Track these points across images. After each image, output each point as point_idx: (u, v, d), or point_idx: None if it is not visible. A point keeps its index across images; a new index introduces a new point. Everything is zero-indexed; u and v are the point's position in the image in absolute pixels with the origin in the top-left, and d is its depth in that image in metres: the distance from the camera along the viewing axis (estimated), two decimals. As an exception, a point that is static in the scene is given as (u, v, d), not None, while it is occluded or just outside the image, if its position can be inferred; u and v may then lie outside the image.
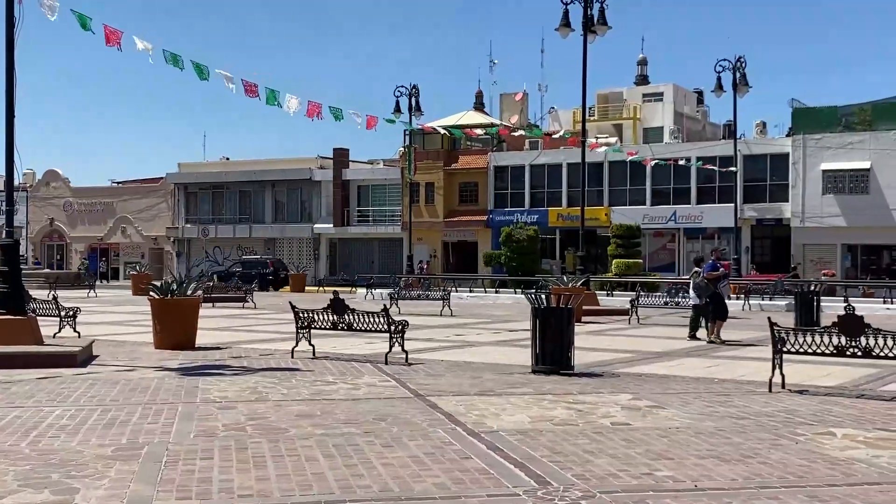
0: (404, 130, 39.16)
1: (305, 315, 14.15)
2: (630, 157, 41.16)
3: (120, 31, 16.49)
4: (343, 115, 22.97)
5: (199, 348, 15.22)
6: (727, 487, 6.21)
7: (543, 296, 13.31)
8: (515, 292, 35.44)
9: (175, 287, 15.64)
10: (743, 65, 36.45)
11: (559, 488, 6.14)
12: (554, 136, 43.48)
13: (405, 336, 13.48)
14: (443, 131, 34.87)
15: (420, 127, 39.62)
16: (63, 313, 17.05)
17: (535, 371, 12.17)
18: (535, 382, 11.40)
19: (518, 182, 48.60)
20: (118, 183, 64.74)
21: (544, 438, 7.82)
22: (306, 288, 44.07)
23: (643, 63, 68.13)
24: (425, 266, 46.55)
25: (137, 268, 44.26)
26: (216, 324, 20.67)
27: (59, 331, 16.57)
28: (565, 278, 26.55)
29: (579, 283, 24.64)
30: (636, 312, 23.28)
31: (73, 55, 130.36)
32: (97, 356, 14.01)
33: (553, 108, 64.92)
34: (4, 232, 14.38)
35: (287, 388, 10.81)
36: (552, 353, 12.16)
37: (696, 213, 44.67)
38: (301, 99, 21.67)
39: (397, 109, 40.21)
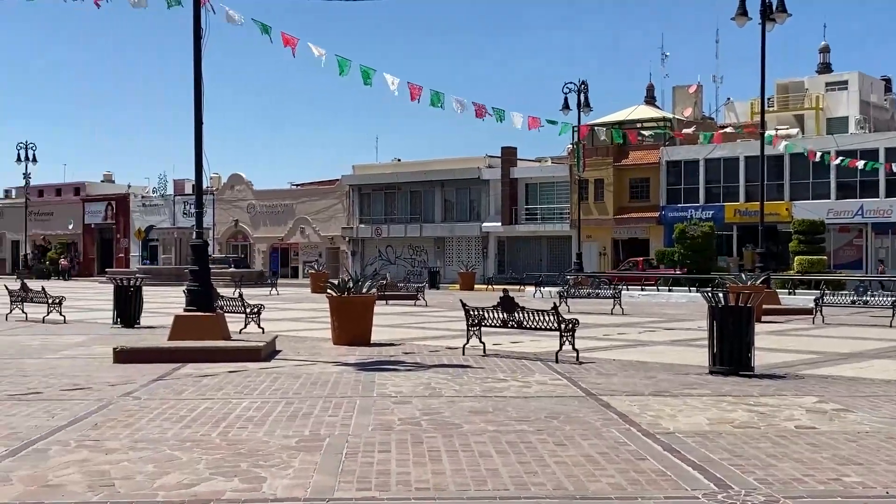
0: (572, 127, 38.77)
1: (476, 313, 14.27)
2: (812, 159, 39.09)
3: (296, 39, 17.17)
4: (505, 115, 23.07)
5: (375, 344, 15.62)
6: (925, 497, 5.83)
7: (721, 294, 12.89)
8: (690, 290, 34.55)
9: (351, 285, 16.12)
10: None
11: (740, 492, 5.93)
12: (727, 131, 42.11)
13: (576, 334, 13.38)
14: (602, 137, 34.31)
15: (587, 126, 39.17)
16: (248, 310, 17.88)
17: (713, 372, 11.82)
18: (712, 383, 11.07)
19: (692, 177, 47.33)
20: (297, 185, 67.32)
21: (724, 441, 7.58)
22: (475, 286, 44.50)
23: (825, 51, 64.99)
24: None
25: (315, 266, 45.90)
26: (389, 321, 21.18)
27: (245, 327, 17.38)
28: (744, 276, 25.66)
29: (759, 282, 23.75)
30: (821, 312, 22.23)
31: (253, 64, 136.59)
32: (280, 351, 14.61)
33: (729, 99, 62.93)
34: (195, 233, 15.22)
35: (459, 384, 10.93)
36: (731, 354, 11.76)
37: (886, 208, 42.22)
38: (467, 100, 21.93)
39: (566, 106, 40.00)
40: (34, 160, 64.99)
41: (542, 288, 35.74)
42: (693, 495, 5.88)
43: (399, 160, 63.03)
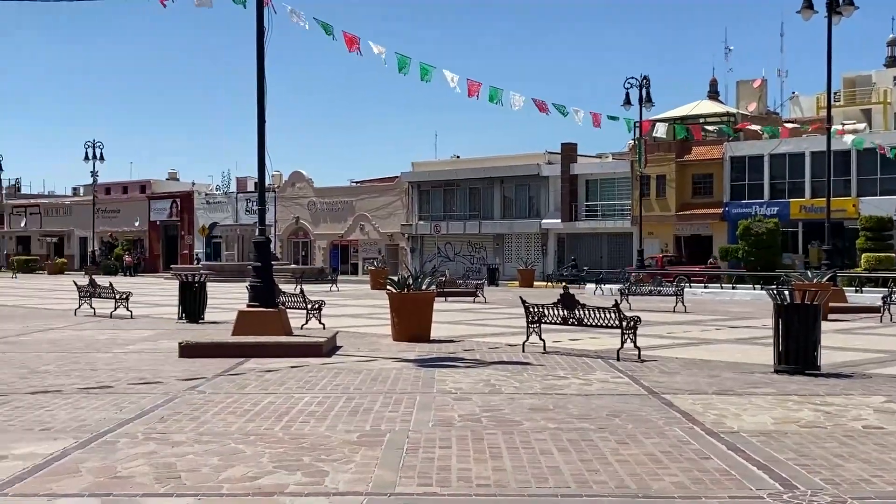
0: (634, 122, 38.43)
1: (536, 310, 14.23)
2: (882, 153, 38.07)
3: (357, 37, 17.28)
4: (567, 111, 22.93)
5: (434, 341, 15.66)
6: None
7: (786, 292, 12.66)
8: (754, 288, 34.01)
9: (411, 282, 16.18)
10: None
11: (806, 492, 5.83)
12: (792, 126, 41.29)
13: (637, 332, 13.26)
14: (662, 132, 33.83)
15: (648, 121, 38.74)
16: (309, 306, 18.07)
17: (778, 371, 11.62)
18: (777, 382, 10.89)
19: (756, 173, 46.54)
20: (356, 182, 67.77)
21: (789, 441, 7.45)
22: (534, 283, 44.36)
23: (893, 44, 63.41)
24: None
25: (375, 263, 46.16)
26: (449, 317, 21.22)
27: (307, 322, 17.57)
28: (809, 273, 25.17)
29: (825, 279, 23.28)
30: (888, 310, 21.72)
31: (314, 62, 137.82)
32: (340, 347, 14.73)
33: (794, 93, 61.79)
34: (257, 230, 15.42)
35: (519, 381, 10.91)
36: (796, 353, 11.56)
37: (956, 203, 41.03)
38: (527, 96, 21.84)
39: (627, 101, 39.69)
40: (102, 159, 66.48)
41: (602, 285, 35.47)
42: (758, 495, 5.79)
43: (458, 157, 63.06)
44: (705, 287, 36.15)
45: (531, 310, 14.28)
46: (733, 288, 35.82)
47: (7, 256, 77.03)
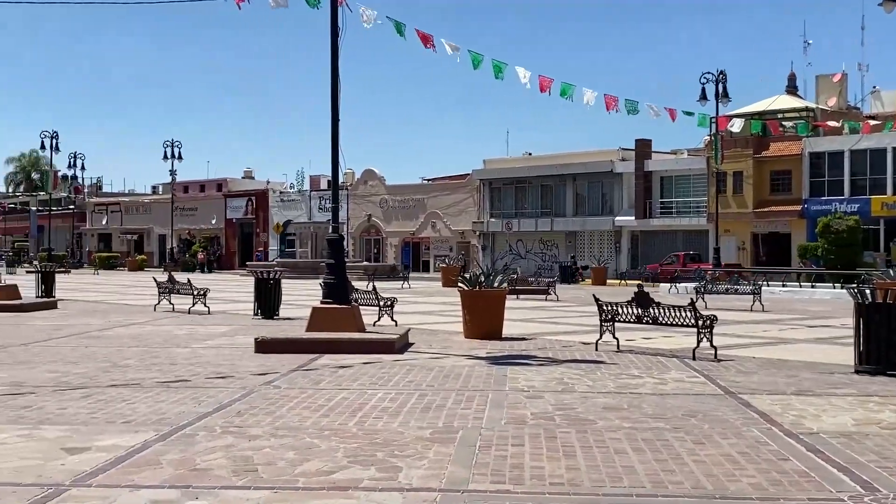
0: (710, 118, 37.81)
1: (609, 308, 14.10)
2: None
3: (430, 35, 17.34)
4: (638, 108, 22.64)
5: (506, 338, 15.64)
6: None
7: (867, 290, 12.33)
8: (834, 287, 33.19)
9: (483, 279, 16.18)
10: None
11: (888, 496, 5.69)
12: (874, 122, 40.17)
13: (713, 331, 13.05)
14: (737, 127, 33.13)
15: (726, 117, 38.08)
16: (382, 303, 18.20)
17: (859, 371, 11.33)
18: (858, 383, 10.62)
19: (836, 169, 45.38)
20: (428, 180, 68.01)
21: (870, 442, 7.26)
22: (607, 281, 43.98)
23: (983, 33, 61.16)
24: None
25: (447, 261, 46.27)
26: (521, 315, 21.17)
27: (379, 319, 17.70)
28: (892, 272, 24.47)
29: (908, 277, 22.60)
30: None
31: (386, 60, 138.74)
32: (412, 344, 14.81)
33: (875, 87, 59.98)
34: (331, 227, 15.58)
35: (592, 379, 10.83)
36: (878, 353, 11.25)
37: None
38: (598, 91, 21.64)
39: (703, 96, 39.07)
40: (180, 158, 67.89)
41: (677, 283, 34.98)
42: (838, 497, 5.67)
43: (530, 154, 62.81)
44: (783, 286, 35.40)
45: (605, 308, 14.17)
46: (812, 286, 35.02)
47: (89, 253, 79.19)
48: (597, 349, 13.87)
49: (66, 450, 6.88)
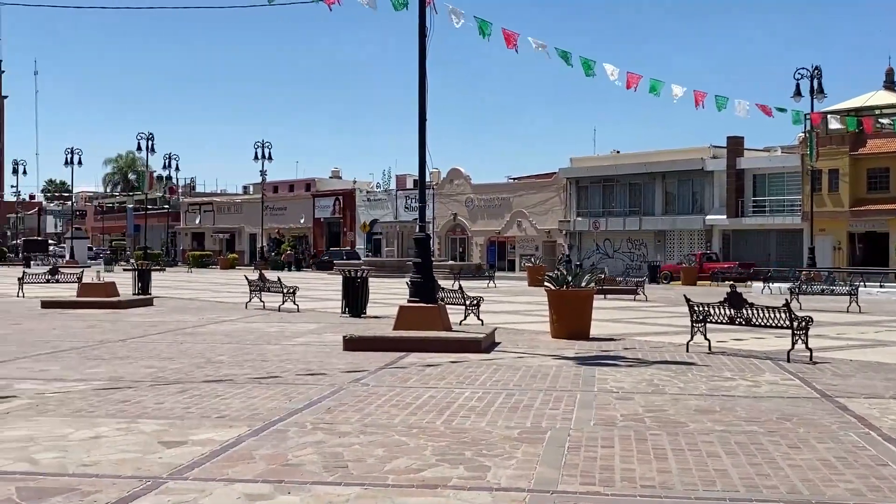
0: (804, 115, 36.83)
1: (701, 308, 13.85)
2: None
3: (516, 34, 17.26)
4: (728, 103, 22.14)
5: (594, 339, 15.49)
6: None
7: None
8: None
9: (570, 278, 16.06)
10: None
11: None
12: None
13: (808, 333, 12.70)
14: (834, 124, 32.03)
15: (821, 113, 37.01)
16: (468, 302, 18.21)
17: (964, 376, 10.89)
18: (963, 388, 10.21)
19: (937, 166, 43.76)
20: (514, 179, 67.87)
21: (979, 451, 6.97)
22: (697, 281, 43.20)
23: None
24: None
25: (533, 260, 46.11)
26: (608, 315, 20.94)
27: (465, 318, 17.71)
28: None
29: None
30: None
31: (472, 59, 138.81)
32: (499, 343, 14.78)
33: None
34: (418, 227, 15.65)
35: (683, 381, 10.65)
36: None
37: None
38: (687, 87, 21.23)
39: (797, 92, 38.09)
40: (270, 158, 69.28)
41: (770, 284, 34.17)
42: (945, 508, 5.45)
43: (618, 152, 62.14)
44: (881, 286, 34.26)
45: (696, 308, 13.91)
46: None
47: (183, 252, 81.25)
48: (687, 350, 13.63)
49: (163, 443, 7.07)
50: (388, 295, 28.00)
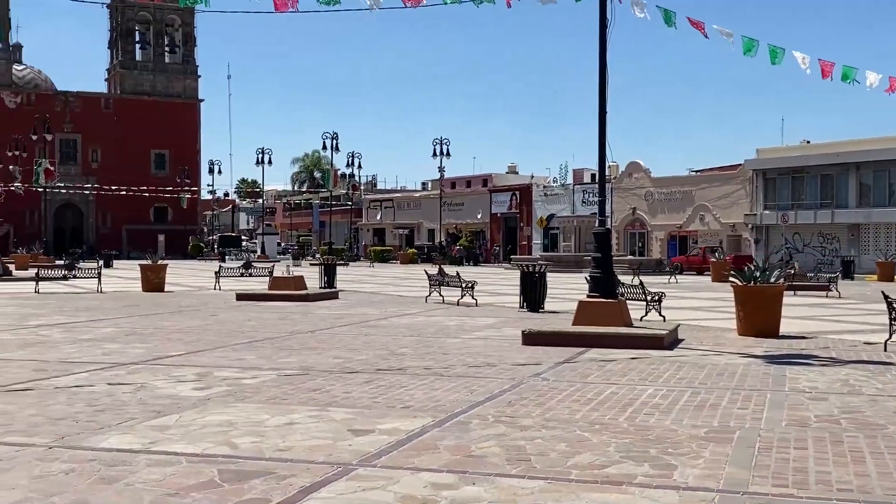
0: None
1: (901, 305, 13.04)
2: None
3: (702, 23, 16.76)
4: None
5: (783, 336, 14.88)
6: None
7: None
8: None
9: (758, 274, 15.49)
10: None
11: None
12: None
13: None
14: None
15: None
16: (648, 298, 17.87)
17: None
18: None
19: None
20: (696, 171, 66.02)
21: None
22: (895, 277, 40.70)
23: None
24: None
25: (717, 255, 44.71)
26: (798, 312, 20.06)
27: (646, 314, 17.38)
28: None
29: None
30: None
31: (653, 50, 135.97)
32: (682, 340, 14.44)
33: None
34: (597, 221, 15.49)
35: (881, 382, 10.08)
36: None
37: None
38: (883, 74, 20.01)
39: None
40: (447, 154, 70.31)
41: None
42: None
43: (808, 142, 59.32)
44: None
45: (894, 305, 13.12)
46: None
47: (365, 247, 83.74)
48: (885, 350, 12.88)
49: (352, 431, 7.32)
50: (566, 290, 27.86)
